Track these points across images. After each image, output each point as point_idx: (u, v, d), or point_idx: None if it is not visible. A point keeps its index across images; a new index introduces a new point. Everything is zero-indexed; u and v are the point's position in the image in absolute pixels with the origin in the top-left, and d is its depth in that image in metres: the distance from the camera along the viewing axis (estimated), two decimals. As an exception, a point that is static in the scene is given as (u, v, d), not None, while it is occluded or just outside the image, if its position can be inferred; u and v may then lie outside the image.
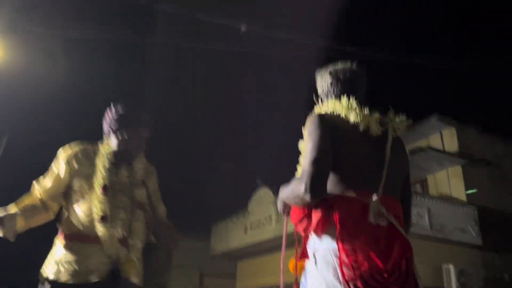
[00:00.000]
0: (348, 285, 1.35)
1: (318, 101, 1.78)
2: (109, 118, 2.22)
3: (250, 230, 12.98)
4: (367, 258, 1.37)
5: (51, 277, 1.96)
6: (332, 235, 1.44)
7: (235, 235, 13.89)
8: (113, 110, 2.23)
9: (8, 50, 8.04)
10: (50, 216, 2.13)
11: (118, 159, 2.18)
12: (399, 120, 1.68)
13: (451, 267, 8.81)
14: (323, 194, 1.46)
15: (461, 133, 10.86)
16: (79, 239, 2.01)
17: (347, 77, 1.72)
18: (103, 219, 2.00)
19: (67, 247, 2.01)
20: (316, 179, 1.43)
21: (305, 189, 1.42)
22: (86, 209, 2.04)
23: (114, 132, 2.20)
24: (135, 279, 2.08)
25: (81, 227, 2.02)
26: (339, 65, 1.77)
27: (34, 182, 2.14)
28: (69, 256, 1.98)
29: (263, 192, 12.79)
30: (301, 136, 1.65)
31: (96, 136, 2.27)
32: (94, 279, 1.95)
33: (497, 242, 10.04)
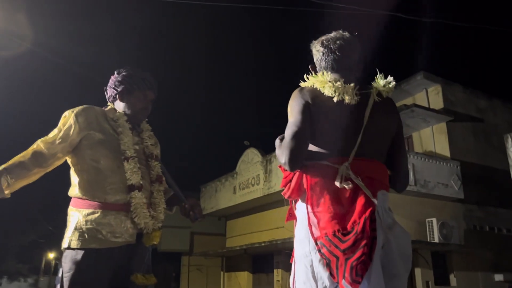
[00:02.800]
0: (316, 242, 1.51)
1: (312, 71, 1.83)
2: (114, 80, 2.16)
3: (238, 190, 13.17)
4: (331, 219, 1.51)
5: (75, 244, 1.88)
6: (304, 200, 1.61)
7: (224, 195, 14.09)
8: (119, 72, 2.17)
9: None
10: (43, 171, 2.00)
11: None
12: (384, 83, 1.72)
13: (434, 221, 9.11)
14: (301, 165, 1.60)
15: (446, 90, 10.94)
16: (103, 207, 1.94)
17: (337, 46, 1.75)
18: (139, 188, 1.98)
19: (89, 214, 1.93)
20: (294, 152, 1.57)
21: (285, 161, 1.58)
22: (110, 176, 1.97)
23: (121, 94, 2.15)
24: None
25: (104, 195, 1.95)
26: (332, 34, 1.80)
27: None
28: (93, 223, 1.91)
29: (251, 153, 12.89)
30: (286, 95, 1.75)
31: (79, 100, 2.20)
32: (120, 243, 1.92)
33: (478, 195, 10.38)
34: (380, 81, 1.73)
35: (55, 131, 2.02)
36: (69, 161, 2.07)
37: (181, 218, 2.32)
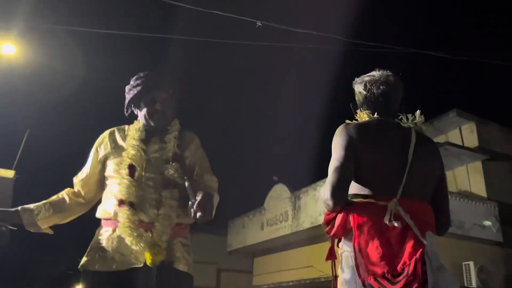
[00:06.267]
0: (363, 284, 1.45)
1: (353, 109, 1.85)
2: (128, 89, 2.07)
3: (266, 226, 13.01)
4: (379, 260, 1.45)
5: (86, 266, 1.86)
6: (351, 239, 1.56)
7: (251, 231, 13.94)
8: (131, 80, 2.09)
9: (27, 47, 8.21)
10: (84, 205, 2.04)
11: (149, 134, 2.02)
12: (420, 121, 1.73)
13: (471, 264, 8.69)
14: (344, 201, 1.56)
15: (480, 128, 10.66)
16: (112, 225, 1.89)
17: (380, 92, 1.75)
18: (121, 203, 1.86)
19: (102, 234, 1.91)
20: (337, 188, 1.54)
21: (327, 197, 1.55)
22: (116, 193, 1.91)
23: (137, 101, 2.05)
24: (179, 265, 1.87)
25: (112, 213, 1.89)
26: (376, 74, 1.79)
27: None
28: (103, 243, 1.88)
29: (279, 189, 12.79)
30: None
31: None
32: (130, 266, 1.81)
33: (519, 238, 9.86)
34: (418, 118, 1.73)
35: (84, 166, 2.09)
36: None
37: (207, 253, 2.19)
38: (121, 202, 1.86)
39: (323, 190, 1.58)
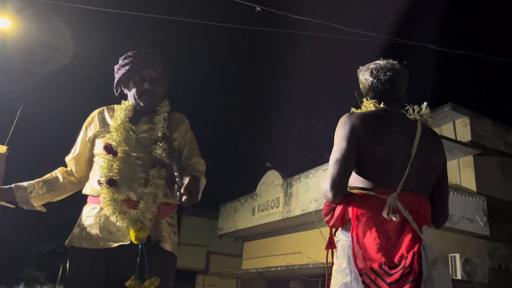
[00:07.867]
0: (360, 273, 1.48)
1: (358, 98, 1.84)
2: (117, 69, 2.02)
3: (257, 211, 13.10)
4: (377, 251, 1.48)
5: (73, 242, 1.86)
6: (348, 229, 1.58)
7: (242, 216, 14.03)
8: (120, 59, 2.04)
9: (22, 22, 8.08)
10: (76, 184, 2.04)
11: (139, 114, 2.00)
12: (427, 113, 1.73)
13: (457, 256, 8.82)
14: (343, 193, 1.57)
15: (474, 122, 10.72)
16: (99, 202, 1.87)
17: (387, 78, 1.74)
18: (100, 181, 1.86)
19: (89, 211, 1.91)
20: (337, 180, 1.55)
21: (326, 189, 1.56)
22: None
23: (126, 80, 2.01)
24: (165, 244, 1.87)
25: (99, 190, 1.88)
26: (381, 62, 1.79)
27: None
28: (91, 220, 1.87)
29: (272, 175, 12.85)
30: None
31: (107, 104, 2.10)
32: (117, 243, 1.80)
33: (505, 232, 10.01)
34: (424, 111, 1.72)
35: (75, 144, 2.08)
36: None
37: (198, 236, 2.18)
38: (100, 181, 1.87)
39: (323, 182, 1.59)
